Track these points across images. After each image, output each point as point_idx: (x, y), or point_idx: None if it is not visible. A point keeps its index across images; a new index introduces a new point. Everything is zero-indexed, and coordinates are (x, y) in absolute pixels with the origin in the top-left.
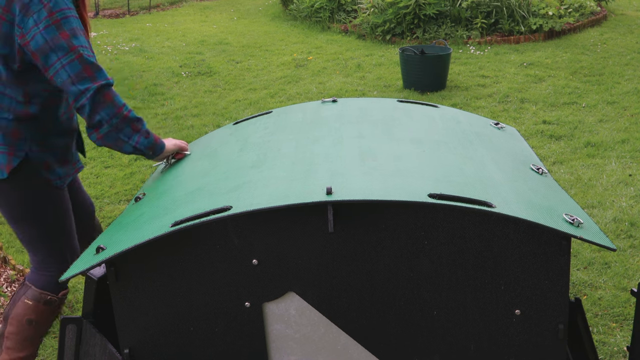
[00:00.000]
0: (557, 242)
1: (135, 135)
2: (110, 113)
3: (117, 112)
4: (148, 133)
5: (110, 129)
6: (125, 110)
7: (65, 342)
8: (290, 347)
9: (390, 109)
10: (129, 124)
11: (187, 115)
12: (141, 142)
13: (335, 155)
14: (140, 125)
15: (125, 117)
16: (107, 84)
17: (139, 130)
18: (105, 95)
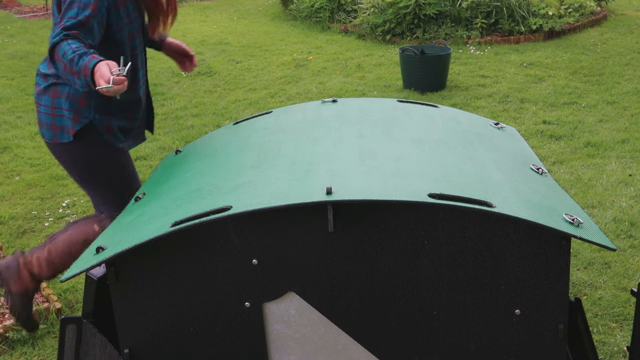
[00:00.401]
0: (557, 242)
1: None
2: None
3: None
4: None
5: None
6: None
7: (65, 342)
8: (290, 347)
9: (390, 109)
10: (68, 71)
11: (187, 115)
12: (79, 84)
13: (335, 155)
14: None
15: (65, 68)
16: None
17: (75, 73)
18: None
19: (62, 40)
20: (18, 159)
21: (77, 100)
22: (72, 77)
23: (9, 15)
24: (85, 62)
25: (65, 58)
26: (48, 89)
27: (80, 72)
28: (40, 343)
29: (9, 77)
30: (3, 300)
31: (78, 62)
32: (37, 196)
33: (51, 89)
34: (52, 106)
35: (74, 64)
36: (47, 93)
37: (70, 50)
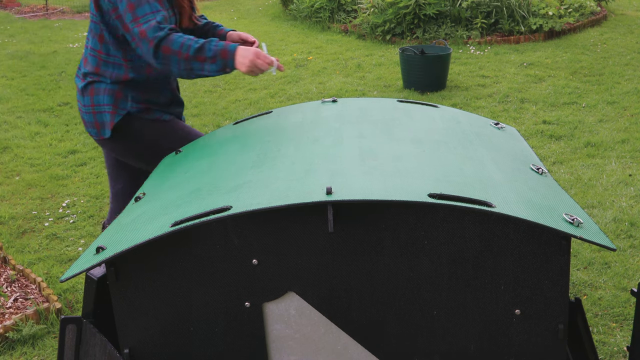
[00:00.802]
0: (557, 241)
1: (205, 64)
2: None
3: (179, 59)
4: (213, 57)
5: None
6: (185, 51)
7: (65, 342)
8: (290, 347)
9: (390, 109)
10: (193, 60)
11: (187, 115)
12: (211, 70)
13: (335, 155)
14: (204, 54)
15: (187, 58)
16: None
17: (205, 59)
18: (163, 50)
19: (169, 35)
20: (18, 159)
21: (114, 93)
22: (192, 64)
23: (9, 15)
24: (221, 46)
25: (189, 47)
26: (86, 88)
27: (217, 56)
28: (40, 343)
29: (9, 77)
30: (3, 300)
31: (211, 47)
32: (37, 196)
33: (89, 88)
34: (92, 104)
35: (205, 50)
36: (86, 92)
37: (190, 40)
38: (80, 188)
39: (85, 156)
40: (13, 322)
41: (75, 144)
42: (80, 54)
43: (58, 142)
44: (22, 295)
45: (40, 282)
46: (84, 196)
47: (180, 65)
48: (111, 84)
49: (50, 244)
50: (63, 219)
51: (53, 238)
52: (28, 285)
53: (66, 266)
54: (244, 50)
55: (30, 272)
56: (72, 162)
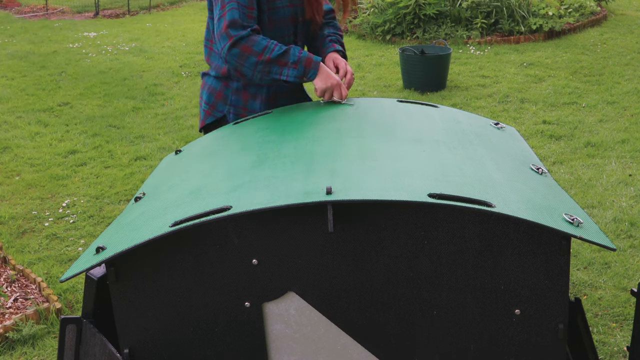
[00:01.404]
0: (557, 241)
1: (284, 69)
2: (253, 64)
3: (259, 60)
4: (295, 63)
5: (261, 75)
6: (267, 54)
7: (65, 342)
8: (290, 347)
9: (390, 109)
10: (274, 63)
11: (187, 115)
12: (290, 74)
13: (335, 155)
14: (286, 59)
15: (268, 60)
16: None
17: (287, 64)
18: (242, 48)
19: (251, 35)
20: (18, 159)
21: (214, 93)
22: (272, 67)
23: (9, 15)
24: (306, 55)
25: (272, 50)
26: (202, 78)
27: (301, 62)
28: (40, 343)
29: (9, 77)
30: (3, 300)
31: (295, 53)
32: (37, 196)
33: (203, 79)
34: (200, 94)
35: (289, 55)
36: (202, 82)
37: (274, 43)
38: (80, 188)
39: (85, 156)
40: (13, 322)
41: (75, 144)
42: (80, 54)
43: (58, 142)
44: (22, 295)
45: (40, 282)
46: (84, 196)
47: (258, 66)
48: (215, 79)
49: (50, 244)
50: (63, 219)
51: (53, 238)
52: (28, 285)
53: (66, 266)
54: (329, 72)
55: (30, 272)
56: (72, 162)
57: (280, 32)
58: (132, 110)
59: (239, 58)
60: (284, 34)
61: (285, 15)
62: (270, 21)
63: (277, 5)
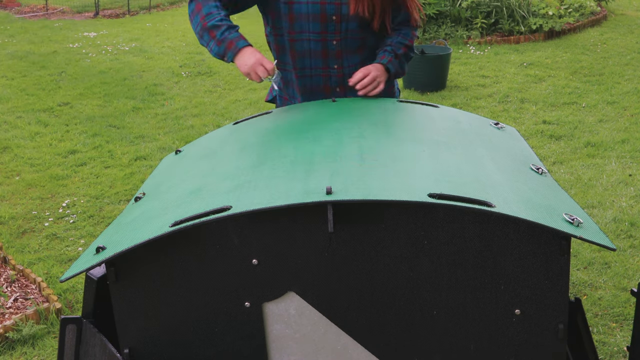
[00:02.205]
0: (557, 241)
1: (211, 41)
2: (196, 23)
3: (199, 22)
4: (220, 40)
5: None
6: (207, 20)
7: (65, 342)
8: (290, 347)
9: (390, 109)
10: (206, 31)
11: (187, 115)
12: (213, 49)
13: (335, 155)
14: (216, 32)
15: (205, 26)
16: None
17: (214, 37)
18: (196, 6)
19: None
20: (18, 159)
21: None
22: (204, 33)
23: (9, 15)
24: (232, 37)
25: (212, 18)
26: None
27: (224, 42)
28: (40, 343)
29: (9, 77)
30: (3, 300)
31: (223, 31)
32: (37, 196)
33: None
34: None
35: (219, 31)
36: None
37: (219, 14)
38: (80, 188)
39: (85, 156)
40: (13, 322)
41: (75, 144)
42: (80, 54)
43: (58, 142)
44: (22, 295)
45: (40, 282)
46: (84, 196)
47: (197, 27)
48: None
49: (50, 244)
50: (63, 219)
51: (53, 238)
52: (28, 285)
53: (66, 266)
54: (251, 53)
55: (30, 272)
56: (72, 162)
57: (299, 28)
58: (132, 110)
59: (191, 14)
60: (303, 30)
61: (307, 12)
62: (289, 14)
63: (301, 0)
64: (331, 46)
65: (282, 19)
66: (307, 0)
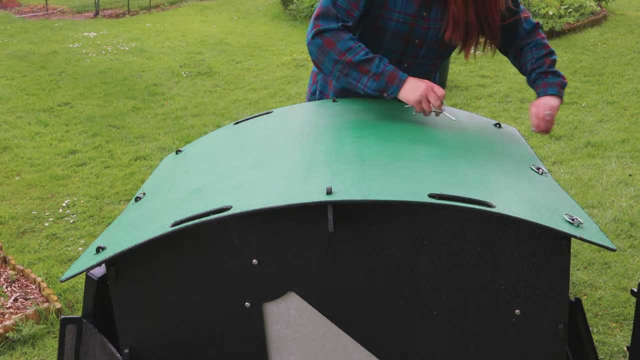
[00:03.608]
0: (557, 242)
1: (364, 77)
2: (332, 61)
3: (339, 59)
4: (377, 75)
5: (339, 74)
6: (349, 55)
7: (65, 342)
8: (290, 347)
9: (390, 109)
10: (354, 67)
11: (187, 115)
12: (369, 86)
13: (335, 155)
14: (369, 67)
15: (349, 62)
16: (327, 29)
17: (368, 73)
18: (325, 41)
19: (340, 30)
20: (18, 159)
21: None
22: (350, 70)
23: (9, 15)
24: (392, 69)
25: (356, 53)
26: None
27: (384, 76)
28: (40, 343)
29: (9, 77)
30: (3, 300)
31: (380, 64)
32: (37, 196)
33: None
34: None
35: (374, 64)
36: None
37: (362, 47)
38: (80, 188)
39: (85, 156)
40: (13, 322)
41: (75, 144)
42: (80, 54)
43: (58, 142)
44: (22, 295)
45: (40, 282)
46: (84, 196)
47: (337, 65)
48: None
49: (50, 244)
50: (63, 219)
51: (53, 238)
52: (28, 285)
53: (66, 266)
54: (417, 81)
55: (30, 272)
56: (72, 162)
57: (378, 43)
58: (132, 110)
59: (319, 50)
60: (381, 47)
61: (394, 29)
62: (375, 27)
63: (392, 16)
64: (402, 68)
65: (366, 32)
66: (398, 18)
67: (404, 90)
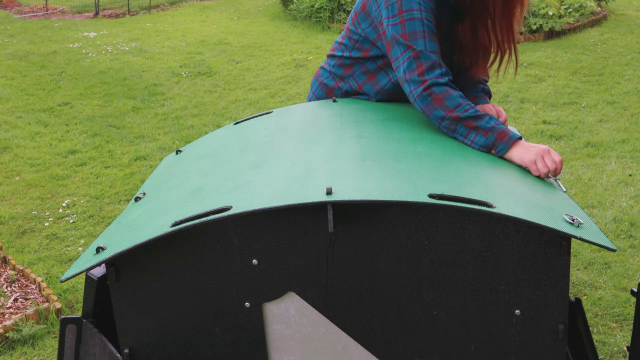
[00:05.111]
0: (557, 242)
1: (472, 133)
2: (439, 118)
3: (446, 116)
4: (487, 130)
5: (446, 130)
6: (457, 112)
7: (65, 342)
8: (290, 347)
9: (390, 109)
10: (462, 123)
11: (187, 115)
12: (476, 141)
13: (335, 155)
14: (477, 123)
15: (456, 119)
16: (436, 83)
17: (476, 129)
18: (434, 98)
19: (447, 88)
20: (18, 159)
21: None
22: (458, 126)
23: (9, 15)
24: (502, 127)
25: (464, 110)
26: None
27: (493, 132)
28: (40, 343)
29: (9, 77)
30: (3, 300)
31: (490, 121)
32: (37, 196)
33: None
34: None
35: (483, 120)
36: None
37: (469, 105)
38: (80, 188)
39: (85, 156)
40: (13, 322)
41: (75, 144)
42: (80, 54)
43: (58, 142)
44: (22, 295)
45: (40, 282)
46: (84, 196)
47: (444, 121)
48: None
49: (50, 244)
50: (63, 219)
51: (53, 238)
52: (28, 285)
53: (66, 266)
54: (529, 144)
55: (30, 272)
56: (72, 162)
57: None
58: (132, 110)
59: (426, 106)
60: None
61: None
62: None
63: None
64: None
65: None
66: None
67: (516, 149)
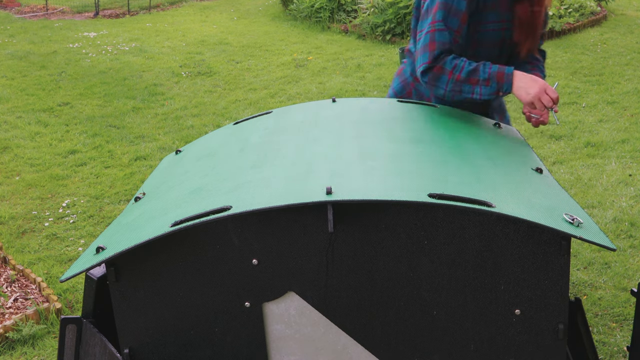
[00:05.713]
0: (557, 242)
1: (476, 87)
2: (444, 83)
3: (449, 79)
4: (487, 80)
5: (452, 94)
6: (457, 72)
7: (65, 342)
8: (290, 347)
9: (390, 109)
10: (465, 82)
11: (187, 115)
12: (484, 93)
13: (335, 155)
14: (477, 76)
15: (459, 79)
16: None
17: (478, 82)
18: (435, 69)
19: (445, 55)
20: (18, 159)
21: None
22: (462, 86)
23: (9, 15)
24: (496, 69)
25: (461, 69)
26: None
27: (492, 78)
28: (40, 343)
29: (9, 77)
30: (3, 300)
31: (485, 70)
32: (37, 196)
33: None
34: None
35: (479, 72)
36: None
37: (463, 61)
38: (80, 188)
39: (85, 156)
40: (13, 322)
41: (75, 144)
42: (80, 54)
43: (58, 142)
44: (22, 295)
45: (40, 282)
46: (84, 196)
47: (449, 85)
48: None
49: (50, 244)
50: (63, 219)
51: (53, 238)
52: (28, 285)
53: (66, 266)
54: (526, 77)
55: (30, 272)
56: (72, 162)
57: (484, 53)
58: (132, 110)
59: (431, 79)
60: (489, 56)
61: (495, 39)
62: (475, 43)
63: (489, 28)
64: None
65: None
66: (493, 28)
67: (516, 86)
